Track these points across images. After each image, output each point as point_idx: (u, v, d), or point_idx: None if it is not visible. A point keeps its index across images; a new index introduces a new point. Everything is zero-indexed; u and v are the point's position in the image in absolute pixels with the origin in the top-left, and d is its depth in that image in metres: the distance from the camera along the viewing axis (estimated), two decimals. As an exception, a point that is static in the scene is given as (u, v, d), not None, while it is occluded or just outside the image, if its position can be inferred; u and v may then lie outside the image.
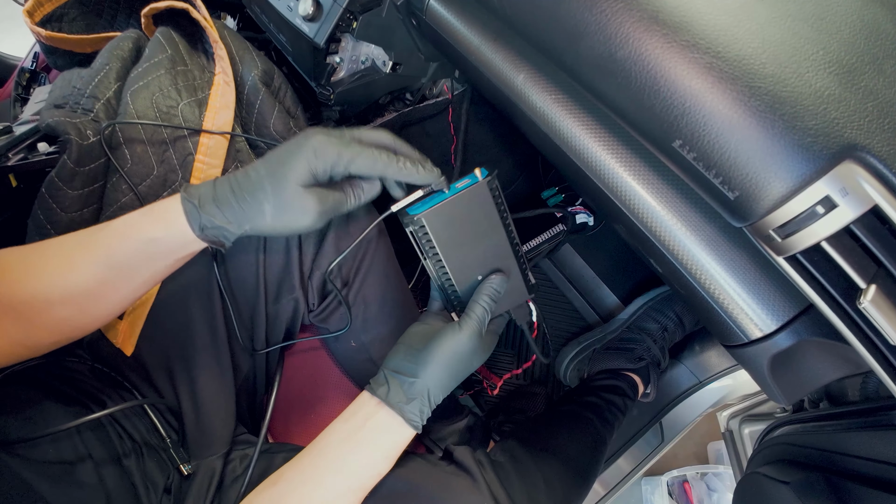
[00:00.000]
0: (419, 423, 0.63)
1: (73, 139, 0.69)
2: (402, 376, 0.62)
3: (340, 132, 0.57)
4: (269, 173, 0.55)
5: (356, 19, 0.85)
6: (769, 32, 0.43)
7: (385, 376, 0.63)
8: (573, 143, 0.63)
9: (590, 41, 0.50)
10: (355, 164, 0.56)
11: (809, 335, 0.51)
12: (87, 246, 0.56)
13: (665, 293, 1.24)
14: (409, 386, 0.62)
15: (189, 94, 0.81)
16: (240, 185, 0.56)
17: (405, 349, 0.64)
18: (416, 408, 0.62)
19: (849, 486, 0.55)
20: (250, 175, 0.56)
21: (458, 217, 0.65)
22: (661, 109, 0.46)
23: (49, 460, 0.59)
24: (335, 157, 0.55)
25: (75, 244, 0.57)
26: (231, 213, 0.56)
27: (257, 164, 0.56)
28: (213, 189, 0.56)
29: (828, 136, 0.39)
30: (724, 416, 1.07)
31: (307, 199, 0.55)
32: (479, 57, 0.72)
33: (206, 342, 0.73)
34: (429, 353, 0.62)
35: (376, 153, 0.57)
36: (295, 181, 0.54)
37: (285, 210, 0.55)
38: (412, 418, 0.62)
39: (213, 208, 0.55)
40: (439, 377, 0.62)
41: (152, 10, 0.86)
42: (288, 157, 0.55)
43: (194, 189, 0.57)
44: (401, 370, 0.63)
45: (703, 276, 0.55)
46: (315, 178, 0.55)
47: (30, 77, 1.10)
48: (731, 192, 0.44)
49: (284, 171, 0.54)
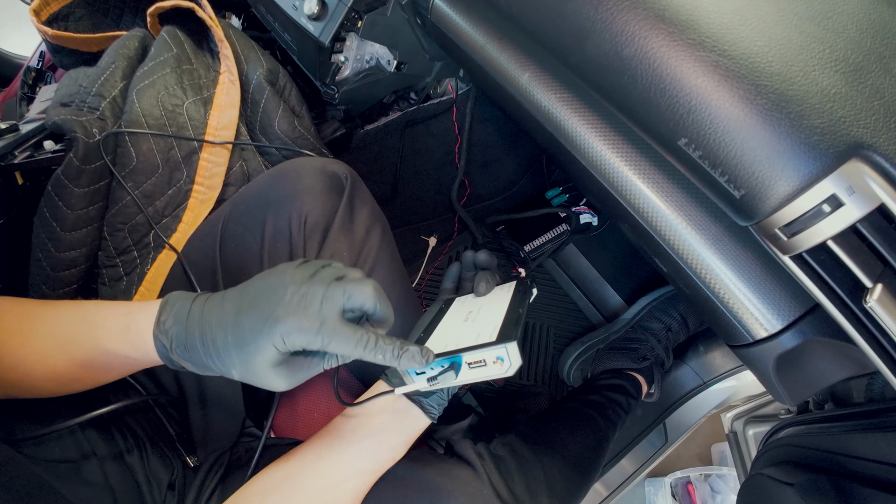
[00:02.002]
0: (436, 415, 0.64)
1: (80, 137, 0.70)
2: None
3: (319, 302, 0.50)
4: (237, 342, 0.50)
5: (361, 18, 0.85)
6: (775, 31, 0.43)
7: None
8: (578, 142, 0.62)
9: (596, 39, 0.50)
10: (329, 349, 0.50)
11: (815, 335, 0.51)
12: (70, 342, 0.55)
13: (669, 293, 1.24)
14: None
15: (194, 92, 0.81)
16: (208, 341, 0.51)
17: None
18: (435, 400, 0.64)
19: (854, 487, 0.55)
20: (217, 336, 0.51)
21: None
22: (666, 107, 0.46)
23: (55, 459, 0.59)
24: (305, 343, 0.49)
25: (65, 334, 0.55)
26: (201, 367, 0.53)
27: (228, 322, 0.51)
28: (185, 333, 0.52)
29: (834, 135, 0.39)
30: (729, 418, 1.06)
31: (274, 377, 0.51)
32: (484, 56, 0.72)
33: None
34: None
35: (352, 341, 0.50)
36: (262, 363, 0.50)
37: (254, 380, 0.52)
38: (430, 410, 0.64)
39: (183, 359, 0.53)
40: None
41: (158, 9, 0.86)
42: (258, 333, 0.49)
43: (168, 323, 0.53)
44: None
45: (708, 276, 0.55)
46: (284, 357, 0.51)
47: (36, 76, 1.11)
48: (737, 190, 0.44)
49: (251, 351, 0.50)
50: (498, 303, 0.65)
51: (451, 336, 0.60)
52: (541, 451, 0.83)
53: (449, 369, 0.56)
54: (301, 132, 0.90)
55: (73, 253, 0.71)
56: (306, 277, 0.52)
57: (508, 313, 0.60)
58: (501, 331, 0.55)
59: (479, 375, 0.56)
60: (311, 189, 0.72)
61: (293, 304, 0.50)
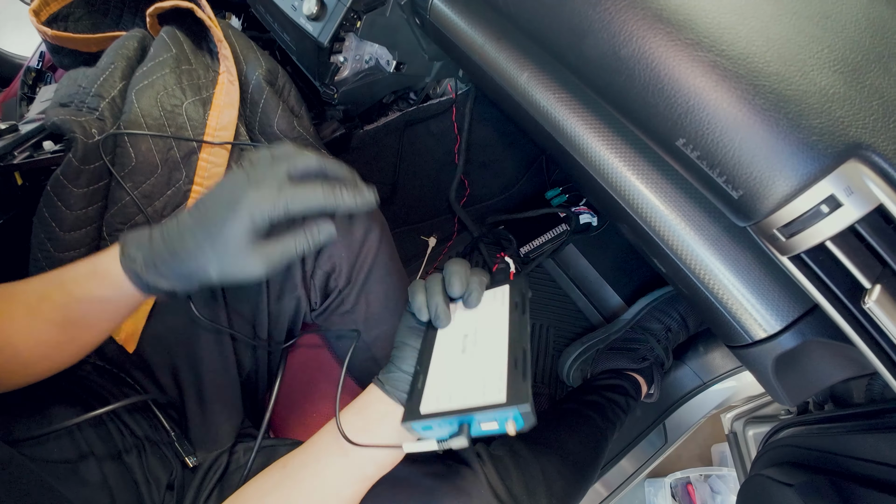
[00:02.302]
0: None
1: (79, 137, 0.70)
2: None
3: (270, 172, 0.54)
4: (207, 235, 0.52)
5: (360, 18, 0.85)
6: (774, 30, 0.43)
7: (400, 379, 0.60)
8: (577, 142, 0.62)
9: (594, 39, 0.50)
10: (290, 208, 0.52)
11: (814, 336, 0.51)
12: (43, 302, 0.55)
13: (669, 294, 1.24)
14: None
15: (193, 92, 0.81)
16: (178, 249, 0.53)
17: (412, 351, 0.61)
18: None
19: (853, 488, 0.55)
20: (186, 238, 0.53)
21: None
22: (664, 107, 0.46)
23: (53, 459, 0.59)
24: (270, 209, 0.51)
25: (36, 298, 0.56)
26: (175, 277, 0.54)
27: (192, 225, 0.53)
28: (151, 252, 0.53)
29: (833, 135, 0.39)
30: (729, 418, 1.06)
31: (252, 259, 0.52)
32: (483, 56, 0.72)
33: (210, 339, 0.73)
34: None
35: (308, 190, 0.53)
36: (235, 244, 0.51)
37: (231, 271, 0.53)
38: None
39: (156, 275, 0.53)
40: None
41: (157, 9, 0.86)
42: (225, 219, 0.51)
43: (132, 250, 0.54)
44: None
45: (706, 276, 0.55)
46: (256, 234, 0.52)
47: (36, 76, 1.11)
48: (735, 190, 0.44)
49: (224, 235, 0.51)
50: (495, 322, 0.59)
51: (451, 376, 0.55)
52: (539, 451, 0.83)
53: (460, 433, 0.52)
54: (300, 132, 0.89)
55: (73, 253, 0.71)
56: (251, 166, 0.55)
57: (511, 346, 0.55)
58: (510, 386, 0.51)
59: (491, 431, 0.52)
60: None
61: (250, 184, 0.52)
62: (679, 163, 0.49)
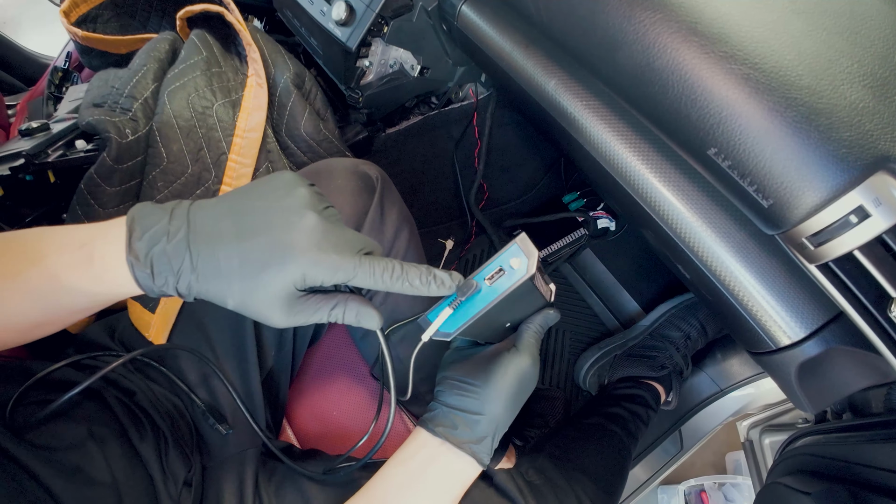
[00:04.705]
0: (487, 461, 0.59)
1: (113, 137, 0.71)
2: (466, 414, 0.58)
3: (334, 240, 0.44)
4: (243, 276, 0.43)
5: (387, 24, 0.86)
6: (805, 45, 0.44)
7: (445, 414, 0.59)
8: (604, 149, 0.63)
9: (628, 51, 0.51)
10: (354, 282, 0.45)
11: (838, 343, 0.52)
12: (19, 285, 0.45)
13: (688, 301, 1.23)
14: (476, 424, 0.58)
15: (223, 95, 0.83)
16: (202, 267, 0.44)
17: (458, 384, 0.60)
18: (487, 446, 0.58)
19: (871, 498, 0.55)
20: (221, 265, 0.43)
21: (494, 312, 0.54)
22: (697, 118, 0.47)
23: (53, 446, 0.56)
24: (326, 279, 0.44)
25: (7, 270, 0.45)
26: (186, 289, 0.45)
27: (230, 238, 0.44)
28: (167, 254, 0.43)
29: (862, 148, 0.40)
30: (745, 426, 1.06)
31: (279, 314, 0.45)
32: (510, 62, 0.73)
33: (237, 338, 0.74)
34: (493, 388, 0.57)
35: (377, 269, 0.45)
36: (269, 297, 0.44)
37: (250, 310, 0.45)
38: (483, 458, 0.58)
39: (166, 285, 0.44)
40: (505, 409, 0.58)
41: (187, 12, 0.88)
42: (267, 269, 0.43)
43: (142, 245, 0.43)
44: (463, 407, 0.59)
45: (731, 283, 0.56)
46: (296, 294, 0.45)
47: (62, 76, 1.12)
48: (766, 200, 0.45)
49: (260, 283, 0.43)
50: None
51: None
52: (573, 477, 0.84)
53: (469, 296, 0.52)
54: (326, 135, 0.91)
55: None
56: (321, 208, 0.46)
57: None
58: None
59: (504, 286, 0.52)
60: (344, 189, 0.73)
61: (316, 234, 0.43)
62: (709, 171, 0.50)
